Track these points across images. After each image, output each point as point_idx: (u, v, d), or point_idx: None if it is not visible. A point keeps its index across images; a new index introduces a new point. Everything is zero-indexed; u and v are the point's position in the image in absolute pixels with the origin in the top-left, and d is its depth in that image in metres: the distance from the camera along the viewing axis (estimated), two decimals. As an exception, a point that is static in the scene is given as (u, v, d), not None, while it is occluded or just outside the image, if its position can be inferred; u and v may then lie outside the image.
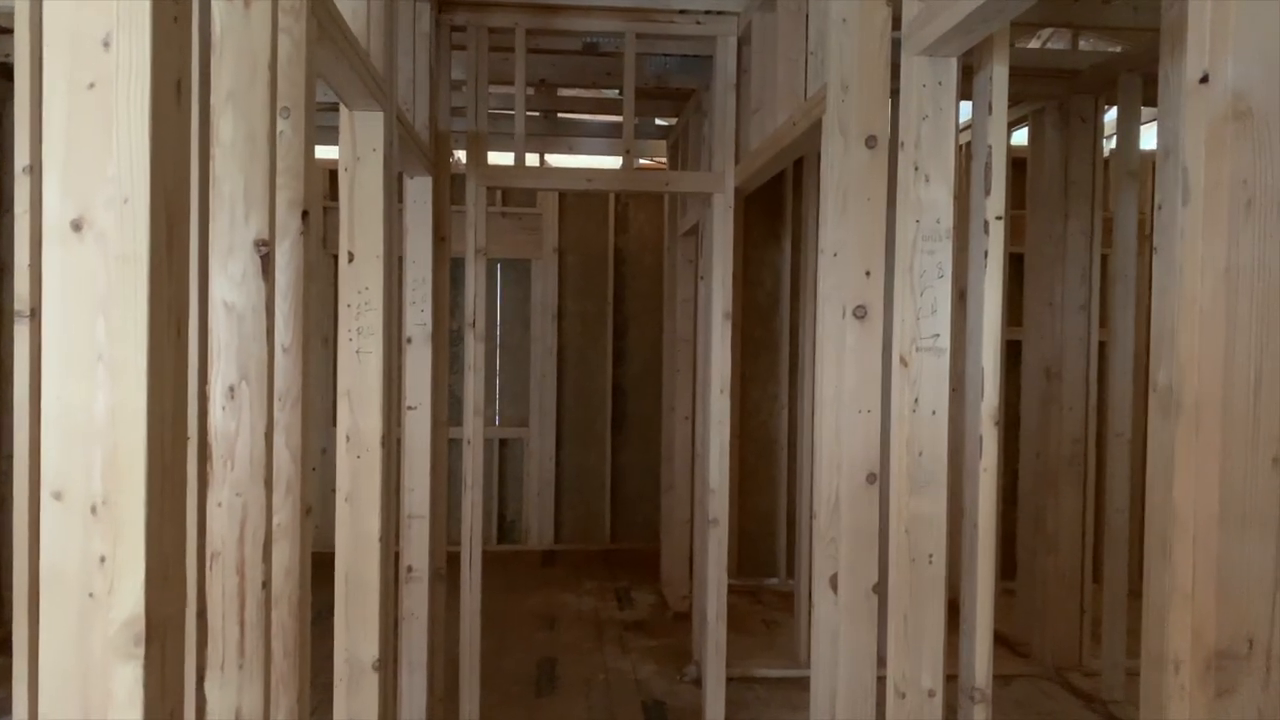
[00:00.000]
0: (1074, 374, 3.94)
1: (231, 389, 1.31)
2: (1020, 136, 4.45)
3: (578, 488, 6.13)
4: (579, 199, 6.12)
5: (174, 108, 0.96)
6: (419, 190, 3.04)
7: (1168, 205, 1.84)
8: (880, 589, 1.99)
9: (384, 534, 2.20)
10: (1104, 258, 3.97)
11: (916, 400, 1.67)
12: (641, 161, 5.94)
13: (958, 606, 1.81)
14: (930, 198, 1.67)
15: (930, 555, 1.68)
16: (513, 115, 3.29)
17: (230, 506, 1.32)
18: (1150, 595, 1.17)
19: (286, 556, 1.48)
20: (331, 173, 5.86)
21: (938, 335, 1.66)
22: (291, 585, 1.48)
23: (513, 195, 6.08)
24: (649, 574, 5.38)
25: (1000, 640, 4.11)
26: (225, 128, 1.29)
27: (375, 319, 2.16)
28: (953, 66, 1.66)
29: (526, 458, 6.08)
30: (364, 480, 2.17)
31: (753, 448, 5.29)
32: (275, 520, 1.47)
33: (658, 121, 5.23)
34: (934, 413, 1.67)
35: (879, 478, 2.01)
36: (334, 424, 6.02)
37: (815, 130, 2.36)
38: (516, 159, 3.25)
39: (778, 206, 5.26)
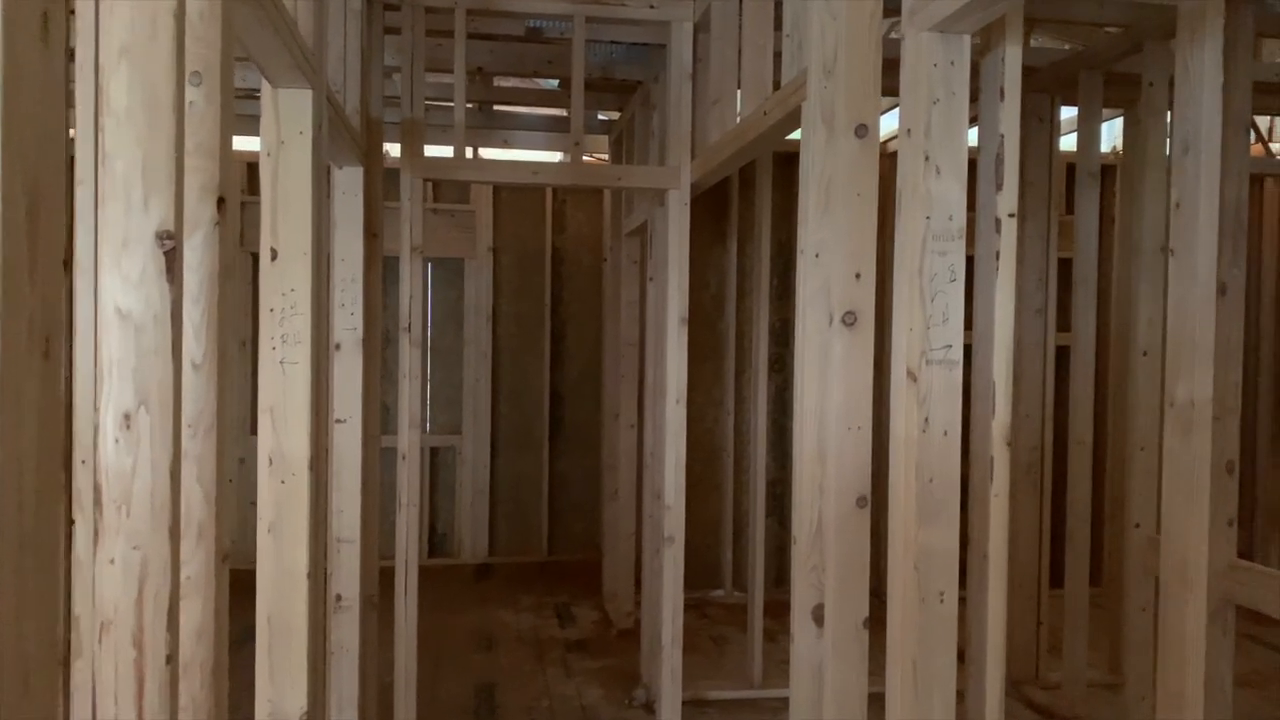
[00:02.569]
0: (1030, 380, 3.85)
1: (127, 417, 1.06)
2: (972, 136, 4.36)
3: (514, 497, 5.87)
4: (514, 196, 5.86)
5: (37, 51, 0.71)
6: (349, 182, 2.77)
7: (1188, 204, 1.72)
8: (873, 624, 1.81)
9: (313, 569, 1.93)
10: (1060, 261, 3.89)
11: (926, 420, 1.49)
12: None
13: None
14: (941, 192, 1.50)
15: (941, 593, 1.50)
16: (448, 106, 3.04)
17: (126, 563, 1.06)
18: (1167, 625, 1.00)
19: (199, 616, 1.22)
20: (250, 165, 5.49)
21: (950, 346, 1.49)
22: (205, 650, 1.22)
23: (445, 191, 5.79)
24: (590, 588, 5.15)
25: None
26: (118, 91, 1.04)
27: (302, 325, 1.90)
28: (966, 45, 1.49)
29: (459, 466, 5.80)
30: (290, 509, 1.90)
31: (698, 455, 5.10)
32: (184, 574, 1.21)
33: (600, 116, 5.01)
34: (946, 434, 1.49)
35: (870, 501, 1.83)
36: (253, 432, 5.65)
37: (790, 121, 2.17)
38: (456, 151, 3.00)
39: (723, 206, 5.09)
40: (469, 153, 5.59)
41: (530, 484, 5.87)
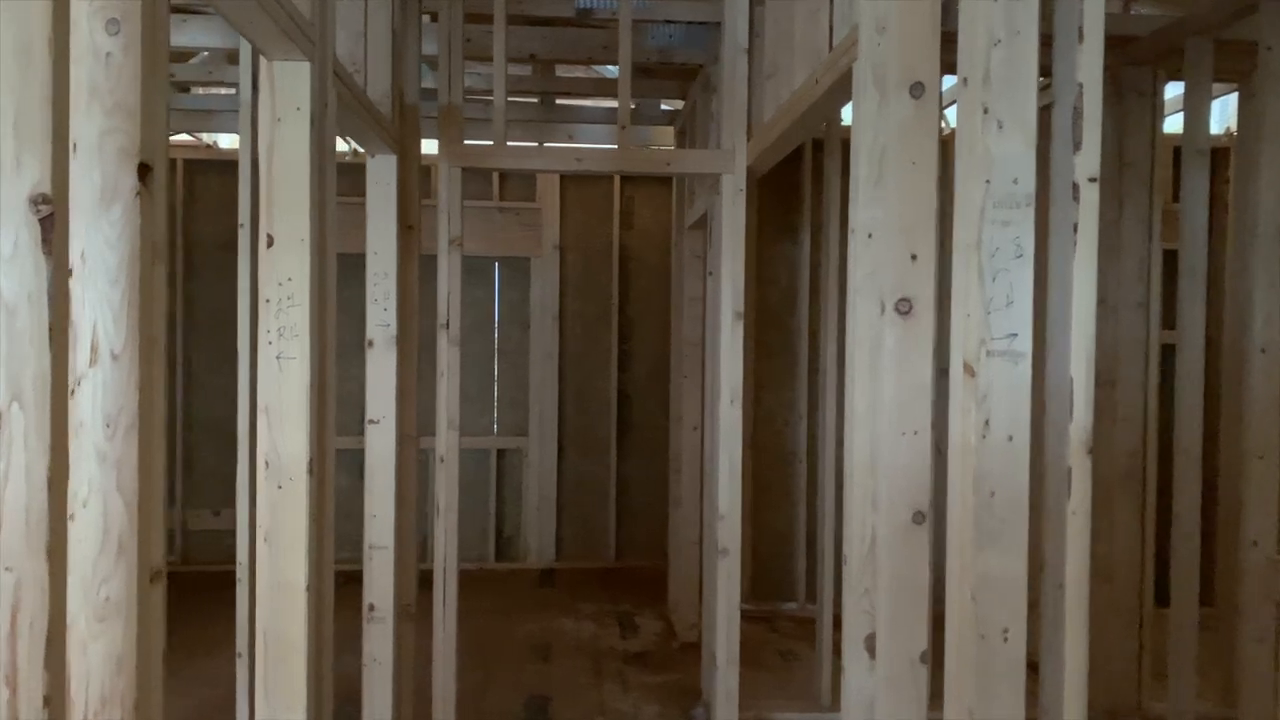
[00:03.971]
0: (1129, 380, 3.49)
1: None
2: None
3: (580, 501, 5.71)
4: (581, 192, 5.71)
5: None
6: (381, 171, 2.64)
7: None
8: (931, 657, 1.57)
9: (313, 582, 1.78)
10: (1165, 253, 3.52)
11: (986, 422, 1.25)
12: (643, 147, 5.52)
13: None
14: (1004, 151, 1.25)
15: (1005, 630, 1.25)
16: (505, 104, 2.86)
17: None
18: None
19: (119, 643, 1.07)
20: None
21: (1015, 335, 1.24)
22: (125, 682, 1.07)
23: (511, 189, 5.68)
24: (655, 596, 4.95)
25: (1034, 672, 3.65)
26: (-13, 31, 0.89)
27: (300, 317, 1.75)
28: (1034, -25, 1.24)
29: (525, 469, 5.67)
30: (286, 516, 1.76)
31: (767, 460, 4.86)
32: (102, 594, 1.06)
33: (663, 106, 4.82)
34: (1010, 439, 1.25)
35: (929, 517, 1.59)
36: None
37: (842, 86, 1.94)
38: (497, 138, 2.84)
39: (794, 195, 4.83)
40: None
41: (597, 488, 5.70)
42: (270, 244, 1.75)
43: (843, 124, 3.51)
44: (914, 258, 1.58)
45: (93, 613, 1.06)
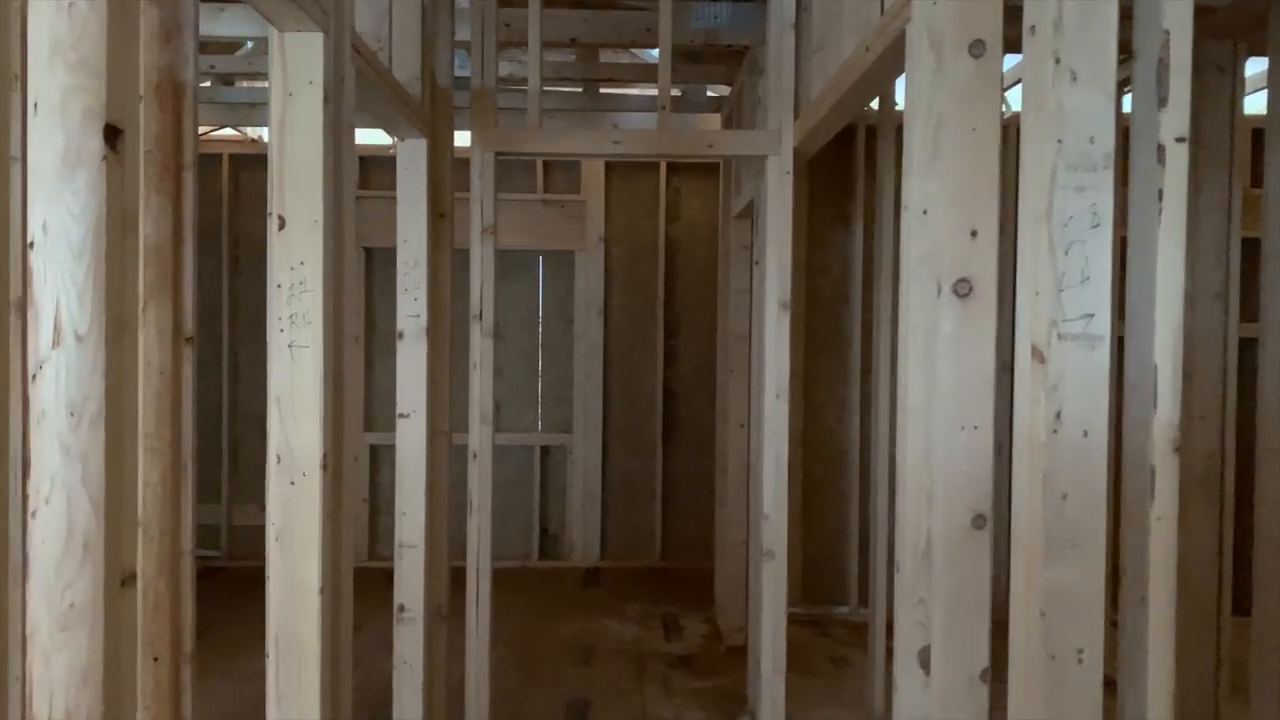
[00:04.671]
0: (1206, 375, 3.27)
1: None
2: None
3: (625, 499, 5.59)
4: (626, 184, 5.59)
5: None
6: (411, 156, 2.54)
7: None
8: (993, 675, 1.42)
9: (327, 584, 1.69)
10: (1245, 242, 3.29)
11: (1058, 415, 1.10)
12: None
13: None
14: (1078, 106, 1.10)
15: (1080, 651, 1.10)
16: (540, 86, 2.75)
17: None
18: None
19: (84, 653, 0.97)
20: (363, 159, 5.44)
21: (1091, 316, 1.09)
22: (92, 698, 0.97)
23: (555, 181, 5.58)
24: (701, 598, 4.82)
25: (1109, 688, 3.42)
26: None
27: (312, 303, 1.66)
28: (1112, -95, 1.09)
29: (569, 466, 5.57)
30: (299, 513, 1.67)
31: (818, 458, 4.69)
32: (66, 600, 0.97)
33: (709, 93, 4.68)
34: (1086, 434, 1.10)
35: (990, 521, 1.43)
36: (368, 428, 5.60)
37: (894, 53, 1.79)
38: (531, 122, 2.73)
39: (847, 181, 4.66)
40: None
41: (642, 486, 5.58)
42: (282, 226, 1.66)
43: (896, 107, 3.34)
44: (974, 234, 1.43)
45: (55, 621, 0.96)
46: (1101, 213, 1.08)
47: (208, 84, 4.37)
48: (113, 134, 0.97)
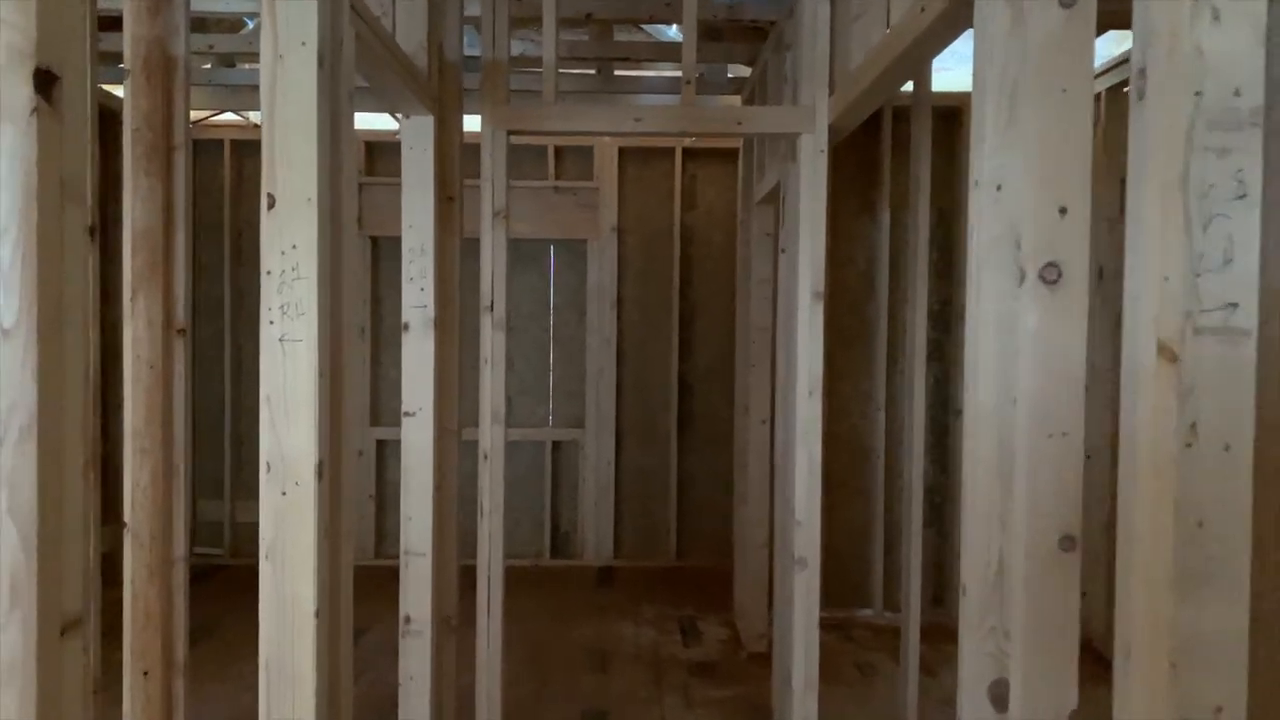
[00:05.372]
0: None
1: None
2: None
3: (640, 496, 5.42)
4: (641, 170, 5.40)
5: None
6: (417, 134, 2.36)
7: None
8: (1090, 714, 1.23)
9: (323, 605, 1.51)
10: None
11: (1193, 426, 0.91)
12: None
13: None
14: (1223, 50, 0.91)
15: (1219, 709, 0.92)
16: (555, 61, 2.56)
17: None
18: None
19: (15, 710, 0.79)
20: (369, 144, 5.26)
21: (1235, 306, 0.90)
22: (24, 773, 0.80)
23: (567, 168, 5.39)
24: (719, 600, 4.64)
25: None
26: None
27: (306, 292, 1.48)
28: None
29: (582, 462, 5.40)
30: (292, 527, 1.49)
31: (841, 456, 4.50)
32: (-9, 653, 0.79)
33: (729, 74, 4.47)
34: (1228, 448, 0.91)
35: (1079, 543, 1.25)
36: (373, 423, 5.42)
37: (955, 12, 1.60)
38: (545, 97, 2.55)
39: (873, 171, 4.46)
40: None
41: (657, 483, 5.40)
42: (271, 205, 1.48)
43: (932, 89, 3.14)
44: (1063, 211, 1.24)
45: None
46: (1249, 180, 0.90)
47: (208, 65, 4.19)
48: (46, 80, 0.79)
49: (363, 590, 1.75)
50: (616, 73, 4.39)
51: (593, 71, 4.35)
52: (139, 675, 2.19)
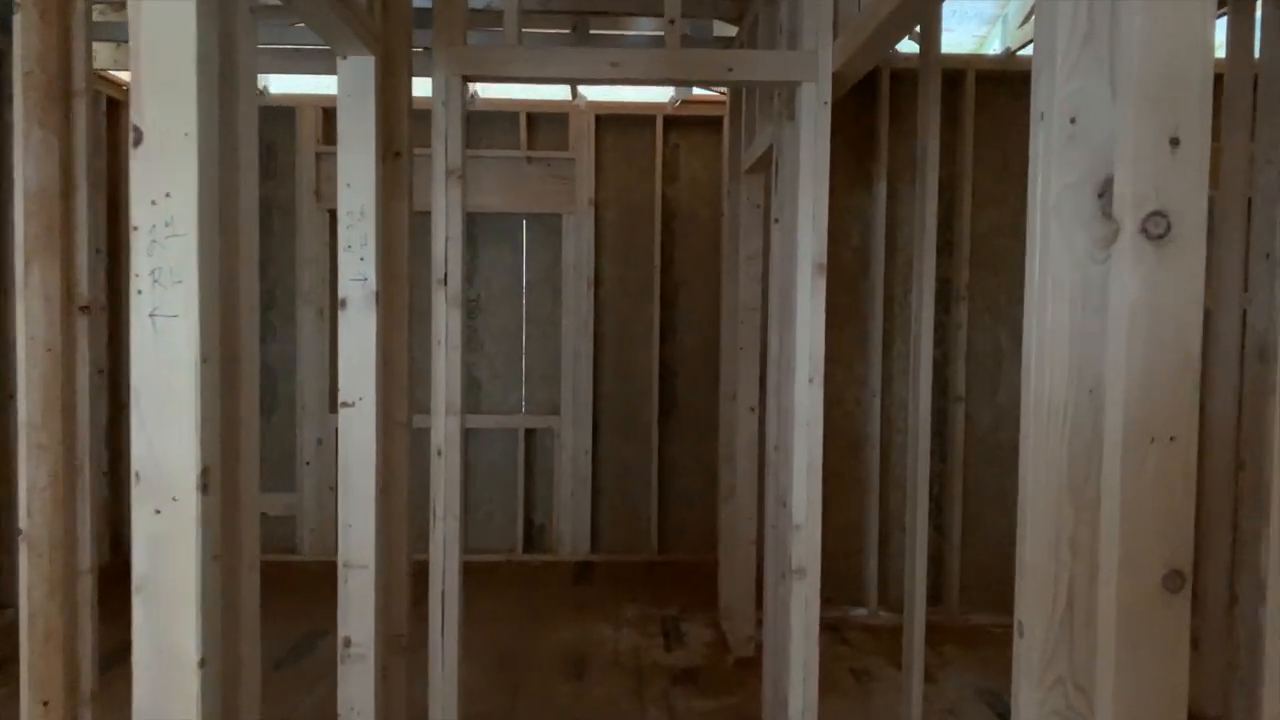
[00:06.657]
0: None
1: None
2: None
3: (618, 487, 5.12)
4: (620, 140, 5.06)
5: None
6: (355, 78, 2.02)
7: None
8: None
9: (211, 655, 1.19)
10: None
11: None
12: (696, 92, 4.87)
13: None
14: None
15: None
16: (531, 32, 2.23)
17: None
18: None
19: None
20: (326, 110, 4.90)
21: None
22: None
23: (541, 137, 5.05)
24: (704, 598, 4.35)
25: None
26: None
27: (184, 252, 1.15)
28: None
29: (558, 451, 5.09)
30: (168, 554, 1.17)
31: (835, 444, 4.21)
32: None
33: (715, 32, 4.14)
34: None
35: (1189, 580, 0.95)
36: (332, 409, 5.07)
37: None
38: (509, 38, 2.22)
39: (868, 140, 4.15)
40: (562, 91, 4.75)
41: (637, 473, 5.10)
42: (138, 141, 1.15)
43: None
44: (1175, 143, 0.94)
45: None
46: None
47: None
48: None
49: (320, 595, 1.43)
50: (592, 31, 4.05)
51: (567, 30, 4.01)
52: (37, 705, 1.87)
